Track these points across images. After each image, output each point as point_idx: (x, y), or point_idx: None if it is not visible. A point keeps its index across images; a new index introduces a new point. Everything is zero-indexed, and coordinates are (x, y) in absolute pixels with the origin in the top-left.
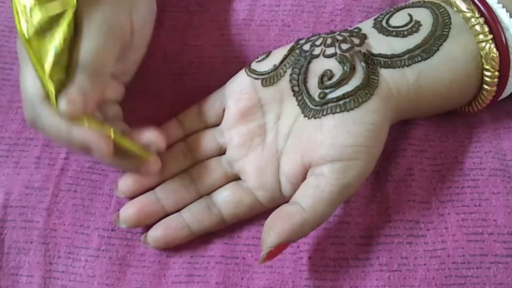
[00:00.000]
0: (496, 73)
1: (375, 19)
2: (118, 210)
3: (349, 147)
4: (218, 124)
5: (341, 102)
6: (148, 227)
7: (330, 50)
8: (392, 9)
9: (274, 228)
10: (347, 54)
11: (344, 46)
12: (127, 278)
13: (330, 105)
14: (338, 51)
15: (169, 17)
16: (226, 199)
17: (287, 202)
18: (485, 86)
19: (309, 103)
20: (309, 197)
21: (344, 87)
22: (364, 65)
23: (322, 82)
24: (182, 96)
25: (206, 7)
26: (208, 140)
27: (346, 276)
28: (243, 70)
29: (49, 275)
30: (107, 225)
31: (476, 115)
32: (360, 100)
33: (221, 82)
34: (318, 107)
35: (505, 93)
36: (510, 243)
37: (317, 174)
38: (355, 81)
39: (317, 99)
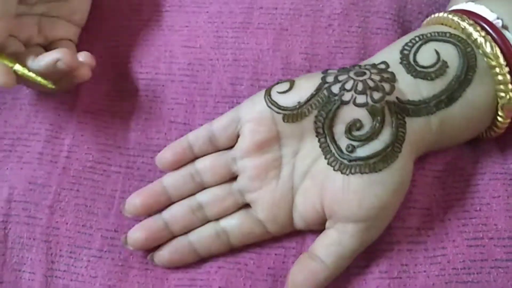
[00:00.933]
0: (508, 120)
1: (401, 52)
2: (121, 213)
3: (375, 210)
4: (230, 147)
5: (370, 162)
6: None
7: (361, 99)
8: (417, 38)
9: (300, 286)
10: (378, 105)
11: (376, 96)
12: (129, 279)
13: (358, 163)
14: (370, 101)
15: (167, 17)
16: (236, 229)
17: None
18: (495, 128)
19: (334, 151)
20: (332, 255)
21: (373, 142)
22: (393, 118)
23: (350, 132)
24: (182, 97)
25: (203, 8)
26: (220, 166)
27: (347, 284)
28: (262, 96)
29: (51, 273)
30: (110, 226)
31: None
32: (389, 160)
33: (221, 84)
34: (346, 161)
35: None
36: (511, 248)
37: (340, 230)
38: (385, 137)
39: (345, 151)
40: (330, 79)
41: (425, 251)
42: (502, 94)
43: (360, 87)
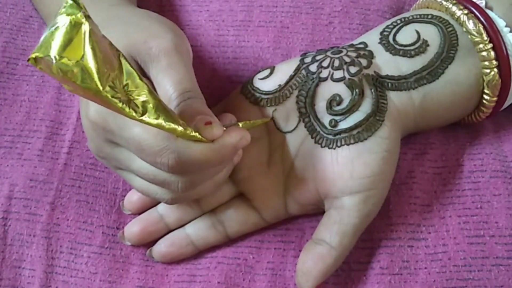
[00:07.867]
0: (495, 98)
1: (381, 33)
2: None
3: (367, 178)
4: None
5: (354, 132)
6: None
7: (338, 74)
8: (398, 21)
9: (310, 273)
10: (355, 78)
11: (352, 70)
12: (129, 276)
13: (343, 135)
14: (347, 75)
15: (168, 17)
16: (231, 218)
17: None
18: (482, 108)
19: (319, 129)
20: (336, 235)
21: (355, 114)
22: (373, 90)
23: (330, 107)
24: None
25: (204, 7)
26: None
27: (348, 279)
28: (246, 86)
29: (51, 270)
30: (111, 223)
31: None
32: (372, 128)
33: (222, 83)
34: (331, 136)
35: (503, 107)
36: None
37: (337, 207)
38: (365, 108)
39: (328, 127)
40: (308, 60)
41: (426, 247)
42: (487, 71)
43: (336, 63)
